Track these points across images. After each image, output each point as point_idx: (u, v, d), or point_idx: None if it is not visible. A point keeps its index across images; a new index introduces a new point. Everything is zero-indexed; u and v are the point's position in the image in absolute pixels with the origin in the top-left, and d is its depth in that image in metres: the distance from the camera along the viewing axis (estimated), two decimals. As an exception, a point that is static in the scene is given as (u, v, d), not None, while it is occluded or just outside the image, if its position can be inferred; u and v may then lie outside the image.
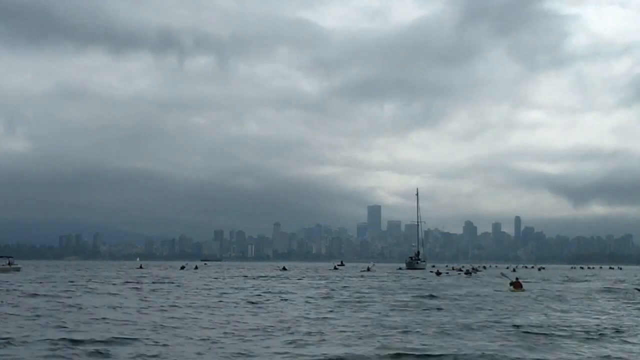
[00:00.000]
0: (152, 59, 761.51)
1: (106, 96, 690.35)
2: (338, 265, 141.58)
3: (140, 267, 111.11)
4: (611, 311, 27.74)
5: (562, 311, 27.22)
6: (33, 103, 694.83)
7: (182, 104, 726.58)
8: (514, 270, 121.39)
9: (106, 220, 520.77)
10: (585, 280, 70.37)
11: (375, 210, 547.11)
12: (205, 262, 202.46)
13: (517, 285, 40.27)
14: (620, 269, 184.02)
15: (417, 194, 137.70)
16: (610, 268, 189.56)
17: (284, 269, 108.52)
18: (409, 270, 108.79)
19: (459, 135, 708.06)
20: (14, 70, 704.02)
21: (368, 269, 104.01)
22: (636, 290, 42.01)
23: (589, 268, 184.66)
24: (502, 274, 57.06)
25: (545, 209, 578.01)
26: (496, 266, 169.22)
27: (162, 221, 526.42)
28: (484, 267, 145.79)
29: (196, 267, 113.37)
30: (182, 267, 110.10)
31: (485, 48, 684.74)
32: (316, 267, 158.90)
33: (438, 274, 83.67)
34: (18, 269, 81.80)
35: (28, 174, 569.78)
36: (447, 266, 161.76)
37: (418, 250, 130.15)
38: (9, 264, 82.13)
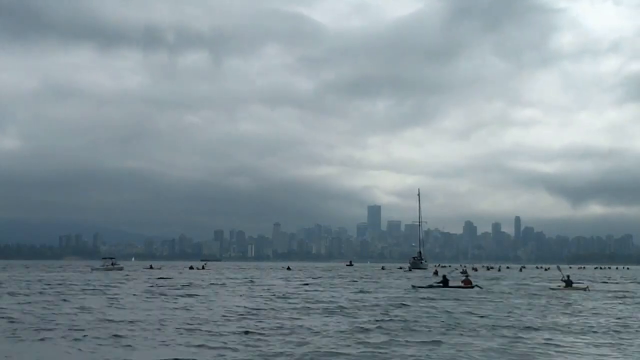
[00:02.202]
0: (142, 56, 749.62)
1: (96, 94, 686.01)
2: (347, 265, 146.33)
3: (151, 267, 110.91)
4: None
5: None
6: (22, 101, 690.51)
7: (175, 102, 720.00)
8: (521, 270, 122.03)
9: (106, 220, 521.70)
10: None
11: (375, 210, 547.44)
12: (205, 262, 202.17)
13: (467, 282, 45.95)
14: (628, 269, 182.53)
15: (418, 194, 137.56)
16: (606, 268, 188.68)
17: (289, 268, 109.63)
18: (416, 270, 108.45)
19: (454, 134, 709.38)
20: (1, 68, 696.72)
21: (410, 270, 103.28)
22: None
23: (595, 268, 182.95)
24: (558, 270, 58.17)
25: (544, 209, 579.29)
26: (500, 267, 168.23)
27: (162, 221, 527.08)
28: (490, 267, 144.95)
29: (203, 267, 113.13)
30: (191, 267, 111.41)
31: (477, 45, 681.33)
32: (331, 266, 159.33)
33: (436, 273, 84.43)
34: (121, 269, 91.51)
35: (26, 174, 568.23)
36: (450, 266, 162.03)
37: (420, 250, 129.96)
38: (112, 264, 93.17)
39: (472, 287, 43.36)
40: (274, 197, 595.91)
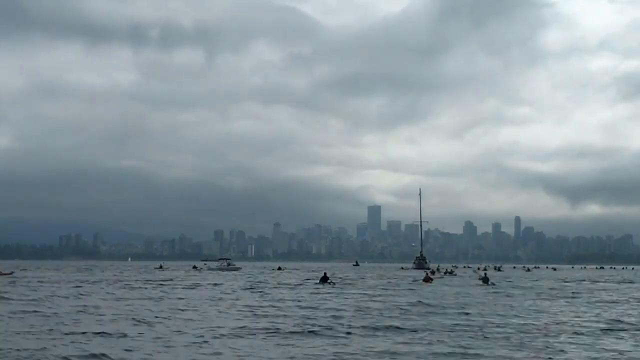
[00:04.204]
0: (131, 53, 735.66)
1: (87, 92, 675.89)
2: (354, 265, 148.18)
3: (161, 267, 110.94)
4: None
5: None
6: (12, 100, 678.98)
7: (168, 100, 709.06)
8: (528, 270, 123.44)
9: (106, 220, 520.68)
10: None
11: (375, 210, 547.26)
12: (205, 262, 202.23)
13: (427, 279, 56.80)
14: (633, 269, 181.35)
15: (420, 195, 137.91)
16: (611, 268, 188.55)
17: (279, 268, 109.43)
18: (421, 270, 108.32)
19: (449, 132, 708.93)
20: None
21: (485, 277, 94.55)
22: None
23: (598, 268, 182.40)
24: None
25: (543, 208, 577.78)
26: (500, 266, 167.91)
27: (162, 221, 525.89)
28: (494, 268, 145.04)
29: (228, 265, 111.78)
30: (194, 267, 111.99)
31: (469, 42, 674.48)
32: (337, 267, 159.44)
33: (432, 272, 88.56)
34: (237, 269, 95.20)
35: (24, 174, 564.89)
36: (456, 266, 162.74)
37: (422, 250, 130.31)
38: (227, 264, 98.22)
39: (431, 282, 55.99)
40: (274, 197, 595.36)
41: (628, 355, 16.16)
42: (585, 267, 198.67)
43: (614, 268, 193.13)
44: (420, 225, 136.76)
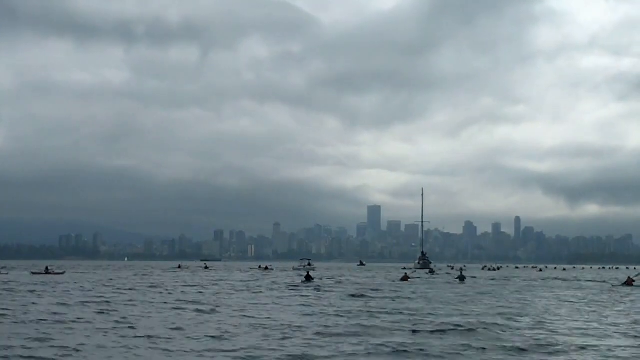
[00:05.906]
0: (122, 50, 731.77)
1: (78, 91, 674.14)
2: (358, 265, 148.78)
3: (179, 267, 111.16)
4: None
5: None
6: (3, 99, 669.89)
7: (161, 98, 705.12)
8: (540, 270, 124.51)
9: (106, 220, 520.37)
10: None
11: (375, 210, 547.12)
12: (206, 263, 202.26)
13: (404, 278, 63.52)
14: (635, 269, 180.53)
15: (422, 195, 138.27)
16: (614, 268, 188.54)
17: (267, 268, 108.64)
18: (423, 270, 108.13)
19: (446, 131, 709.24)
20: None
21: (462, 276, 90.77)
22: None
23: (600, 268, 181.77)
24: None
25: (542, 208, 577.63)
26: (499, 267, 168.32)
27: (162, 221, 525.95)
28: (496, 268, 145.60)
29: (267, 268, 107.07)
30: (206, 267, 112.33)
31: (462, 39, 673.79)
32: (342, 267, 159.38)
33: (431, 272, 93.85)
34: (313, 269, 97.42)
35: (22, 174, 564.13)
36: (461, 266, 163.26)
37: (423, 251, 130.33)
38: (309, 264, 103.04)
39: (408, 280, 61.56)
40: (273, 197, 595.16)
41: None
42: (592, 267, 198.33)
43: (618, 268, 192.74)
44: (422, 225, 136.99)
